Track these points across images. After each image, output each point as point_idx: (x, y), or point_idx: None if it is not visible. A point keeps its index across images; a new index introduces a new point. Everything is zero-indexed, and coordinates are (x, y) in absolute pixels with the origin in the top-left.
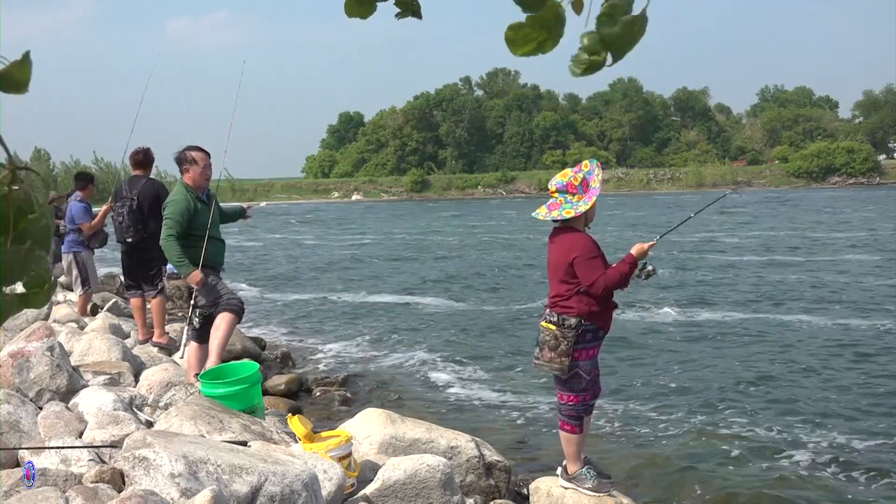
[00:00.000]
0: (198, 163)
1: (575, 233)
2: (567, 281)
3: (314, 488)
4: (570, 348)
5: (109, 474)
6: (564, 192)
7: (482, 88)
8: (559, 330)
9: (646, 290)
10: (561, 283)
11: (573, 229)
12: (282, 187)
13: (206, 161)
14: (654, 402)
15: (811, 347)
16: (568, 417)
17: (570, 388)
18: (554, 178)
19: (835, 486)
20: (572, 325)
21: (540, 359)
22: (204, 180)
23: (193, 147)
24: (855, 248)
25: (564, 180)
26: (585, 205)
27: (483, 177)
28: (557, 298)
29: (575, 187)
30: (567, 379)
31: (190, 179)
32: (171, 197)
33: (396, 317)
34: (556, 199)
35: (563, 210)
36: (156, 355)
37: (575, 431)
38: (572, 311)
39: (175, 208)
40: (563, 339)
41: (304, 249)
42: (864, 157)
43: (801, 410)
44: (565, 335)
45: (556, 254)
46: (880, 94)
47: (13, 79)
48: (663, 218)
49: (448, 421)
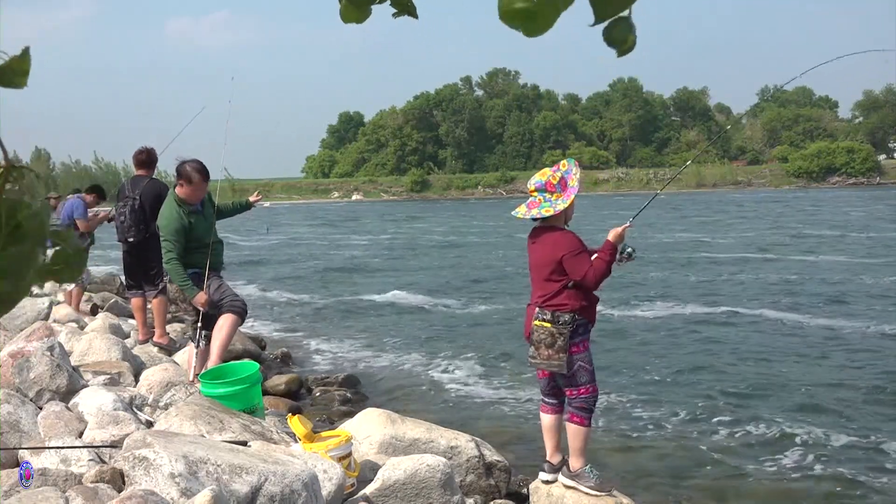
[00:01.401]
0: (193, 183)
1: (557, 231)
2: (554, 279)
3: (314, 488)
4: (566, 344)
5: (109, 474)
6: (543, 191)
7: (482, 88)
8: (555, 327)
9: (638, 289)
10: (548, 281)
11: (555, 227)
12: (282, 187)
13: (203, 185)
14: (652, 402)
15: (810, 347)
16: (580, 410)
17: (578, 382)
18: (533, 177)
19: (835, 485)
20: (567, 321)
21: (537, 358)
22: (196, 199)
23: (195, 162)
24: (849, 247)
25: (543, 179)
26: (564, 203)
27: (483, 177)
28: (547, 296)
29: (553, 186)
30: (572, 374)
31: (182, 193)
32: (164, 213)
33: (397, 317)
34: (535, 197)
35: (543, 208)
36: (156, 355)
37: (585, 424)
38: (566, 307)
39: (170, 228)
40: (560, 336)
41: (304, 249)
42: (864, 156)
43: (800, 410)
44: (561, 331)
45: (542, 252)
46: (880, 94)
47: (13, 72)
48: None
49: (448, 421)
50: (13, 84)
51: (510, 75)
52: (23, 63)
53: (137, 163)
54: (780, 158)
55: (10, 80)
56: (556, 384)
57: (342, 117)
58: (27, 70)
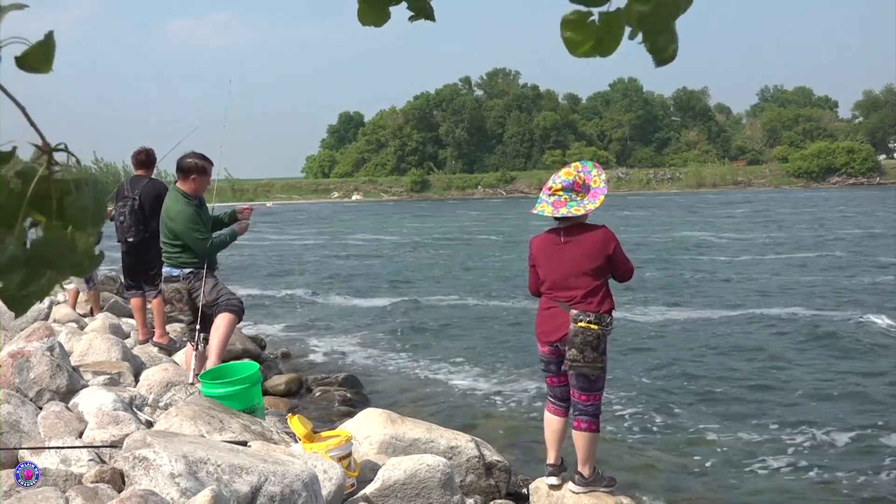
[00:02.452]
0: (207, 175)
1: (598, 228)
2: (597, 277)
3: (314, 488)
4: (606, 345)
5: (109, 474)
6: (570, 191)
7: (482, 88)
8: (601, 328)
9: (637, 289)
10: (590, 278)
11: (592, 225)
12: (282, 187)
13: (209, 176)
14: (651, 402)
15: (811, 346)
16: (593, 416)
17: (597, 387)
18: (557, 176)
19: (836, 484)
20: (608, 323)
21: (581, 361)
22: (202, 191)
23: (202, 156)
24: (843, 246)
25: (570, 178)
26: (593, 203)
27: (483, 177)
28: (585, 295)
29: (580, 186)
30: (595, 378)
31: (191, 188)
32: (174, 206)
33: (397, 317)
34: (561, 196)
35: (572, 207)
36: (156, 355)
37: (597, 430)
38: (607, 308)
39: (189, 216)
40: (604, 338)
41: (304, 249)
42: (864, 156)
43: (800, 409)
44: (605, 333)
45: (584, 249)
46: (880, 94)
47: (36, 58)
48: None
49: (448, 421)
50: (37, 69)
51: (510, 75)
52: (47, 49)
53: (136, 163)
54: (780, 158)
55: (34, 66)
56: (569, 388)
57: (342, 117)
58: (51, 56)
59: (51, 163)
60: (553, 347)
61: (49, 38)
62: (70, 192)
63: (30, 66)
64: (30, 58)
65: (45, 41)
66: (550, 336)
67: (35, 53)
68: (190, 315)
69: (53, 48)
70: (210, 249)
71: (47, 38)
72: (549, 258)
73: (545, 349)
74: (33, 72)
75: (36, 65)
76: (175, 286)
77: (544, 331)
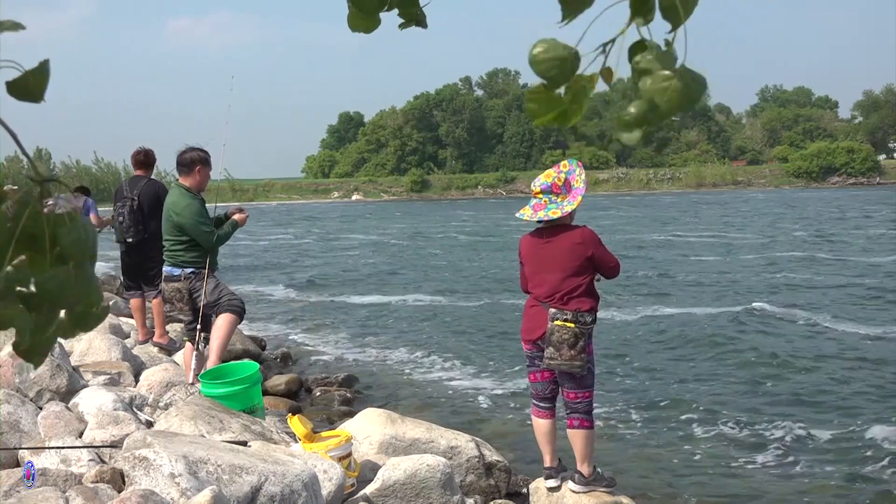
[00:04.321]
0: (210, 166)
1: (577, 228)
2: (578, 276)
3: (314, 488)
4: (587, 344)
5: (109, 474)
6: (549, 193)
7: (482, 88)
8: (578, 327)
9: (624, 290)
10: (571, 278)
11: (572, 226)
12: (282, 187)
13: (210, 170)
14: (650, 402)
15: (810, 345)
16: (585, 413)
17: (585, 384)
18: (538, 179)
19: (836, 484)
20: (589, 321)
21: (558, 359)
22: (204, 186)
23: (201, 149)
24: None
25: (549, 181)
26: (571, 205)
27: (483, 177)
28: (566, 295)
29: (559, 188)
30: (583, 376)
31: (195, 181)
32: (181, 202)
33: (397, 317)
34: (541, 199)
35: (550, 210)
36: (156, 355)
37: (591, 426)
38: (586, 306)
39: (196, 210)
40: (583, 336)
41: (304, 249)
42: (864, 156)
43: (800, 409)
44: (583, 331)
45: (562, 250)
46: (880, 94)
47: (29, 87)
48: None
49: (448, 421)
50: (30, 98)
51: (510, 75)
52: (40, 77)
53: (136, 163)
54: (780, 158)
55: (26, 94)
56: (555, 387)
57: (342, 117)
58: (44, 85)
59: (42, 195)
60: (534, 345)
61: (43, 67)
62: (64, 225)
63: (21, 95)
64: (22, 85)
65: (38, 69)
66: (531, 334)
67: (27, 81)
68: (190, 315)
69: (47, 77)
70: (216, 243)
71: (41, 66)
72: (533, 258)
73: (528, 346)
74: (25, 100)
75: (28, 94)
76: (175, 285)
77: (527, 328)
